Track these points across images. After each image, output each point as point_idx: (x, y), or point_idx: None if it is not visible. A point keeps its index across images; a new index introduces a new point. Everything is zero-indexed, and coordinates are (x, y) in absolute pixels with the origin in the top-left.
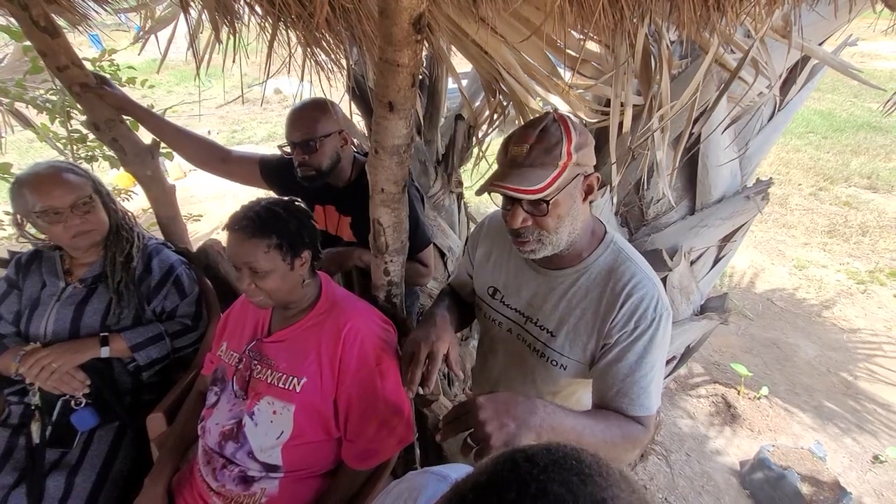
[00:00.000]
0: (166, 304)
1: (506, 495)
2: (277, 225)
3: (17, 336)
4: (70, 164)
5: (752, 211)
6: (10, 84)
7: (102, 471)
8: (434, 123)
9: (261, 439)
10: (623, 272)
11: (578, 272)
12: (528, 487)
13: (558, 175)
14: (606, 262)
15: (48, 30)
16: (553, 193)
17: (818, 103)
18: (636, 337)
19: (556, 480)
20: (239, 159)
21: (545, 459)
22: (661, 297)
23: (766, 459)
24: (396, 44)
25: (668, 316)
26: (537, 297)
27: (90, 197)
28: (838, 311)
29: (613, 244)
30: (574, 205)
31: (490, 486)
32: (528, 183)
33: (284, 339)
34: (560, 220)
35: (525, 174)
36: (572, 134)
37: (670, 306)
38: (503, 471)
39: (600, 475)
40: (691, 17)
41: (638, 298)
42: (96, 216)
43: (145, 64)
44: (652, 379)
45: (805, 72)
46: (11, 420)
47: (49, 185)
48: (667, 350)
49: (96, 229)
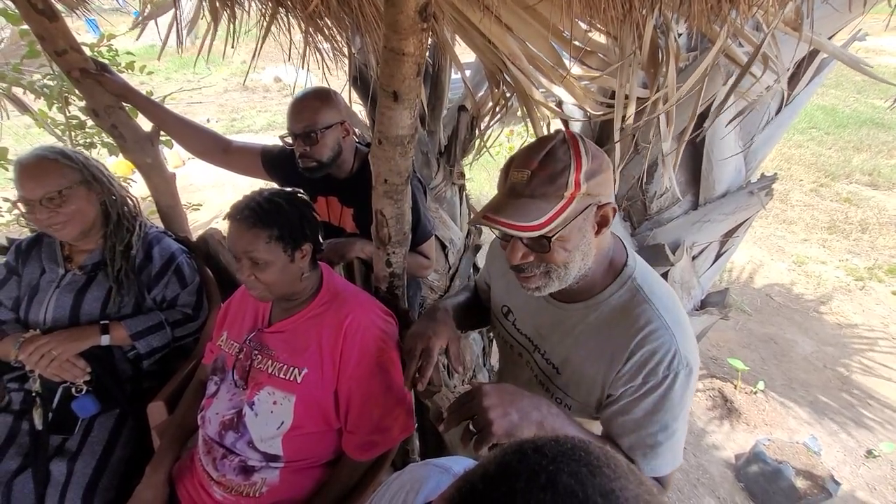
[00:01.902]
0: (167, 293)
1: (515, 485)
2: (279, 216)
3: (17, 322)
4: (61, 152)
5: (756, 206)
6: (7, 68)
7: (103, 457)
8: (437, 114)
9: (261, 429)
10: (637, 316)
11: (589, 308)
12: (537, 477)
13: (563, 209)
14: (620, 300)
15: (46, 12)
16: (557, 229)
17: (821, 98)
18: (645, 392)
19: (566, 471)
20: (240, 150)
21: (554, 450)
22: (680, 351)
23: (761, 453)
24: (402, 32)
25: (687, 374)
26: (545, 327)
27: (60, 192)
28: (836, 306)
29: (632, 280)
30: (583, 239)
31: (500, 476)
32: (526, 218)
33: (285, 329)
34: (569, 255)
35: (523, 207)
36: (583, 160)
37: (696, 360)
38: (512, 461)
39: (609, 467)
40: (702, 8)
41: (649, 351)
42: (71, 208)
43: (143, 50)
44: (663, 439)
45: (812, 66)
46: (13, 406)
47: (24, 175)
48: (686, 409)
49: (69, 221)
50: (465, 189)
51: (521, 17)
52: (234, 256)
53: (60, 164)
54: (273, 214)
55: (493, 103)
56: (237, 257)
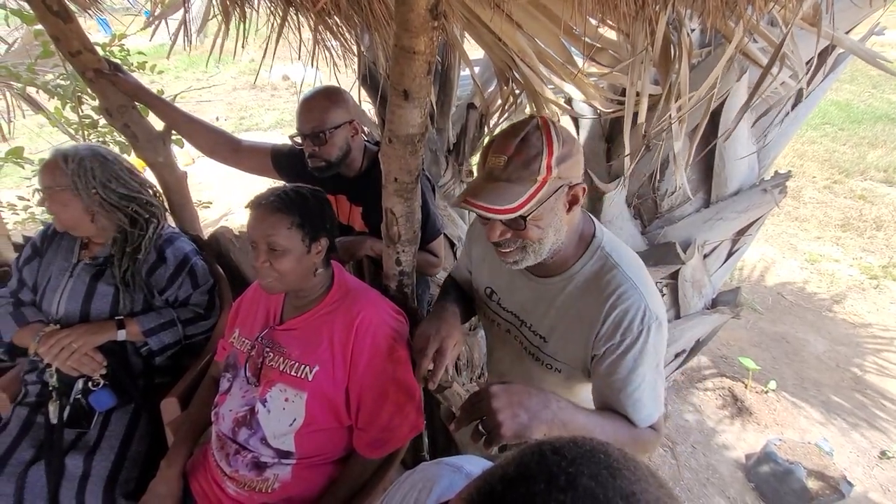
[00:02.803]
0: (180, 294)
1: (534, 487)
2: (303, 206)
3: (33, 305)
4: (64, 153)
5: (769, 204)
6: (22, 68)
7: (121, 451)
8: (446, 112)
9: (273, 426)
10: (609, 281)
11: (565, 280)
12: (557, 479)
13: (536, 191)
14: (592, 269)
15: (61, 14)
16: (531, 210)
17: (835, 94)
18: (624, 350)
19: (586, 473)
20: (250, 149)
21: (573, 452)
22: (649, 307)
23: (772, 453)
24: (413, 30)
25: (657, 326)
26: (528, 302)
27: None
28: (849, 305)
29: (601, 250)
30: (556, 217)
31: (519, 478)
32: (503, 201)
33: (297, 327)
34: (542, 232)
35: (500, 190)
36: (554, 145)
37: (663, 313)
38: (531, 463)
39: (629, 469)
40: (717, 4)
41: (622, 311)
42: (53, 205)
43: (153, 48)
44: (644, 390)
45: (829, 62)
46: (28, 399)
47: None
48: (661, 357)
49: (57, 217)
50: None
51: (532, 13)
52: (252, 243)
53: (57, 165)
54: (297, 203)
55: (503, 101)
56: (255, 243)
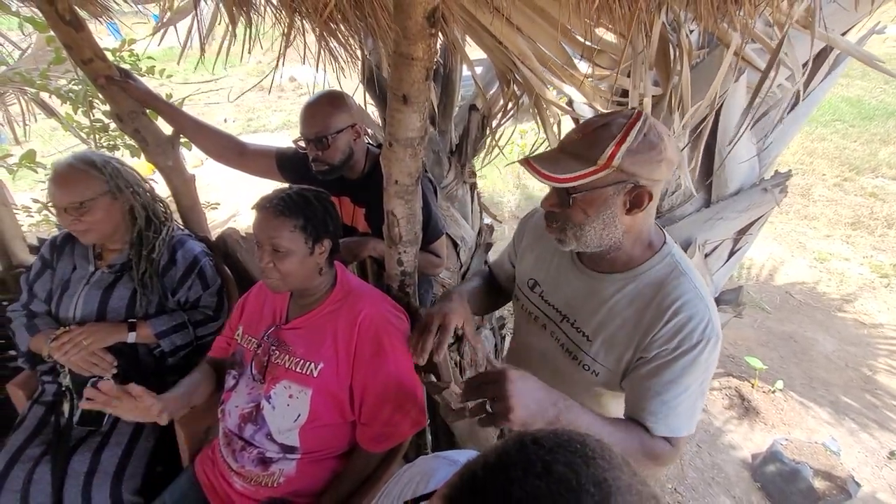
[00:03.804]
0: (190, 295)
1: (513, 473)
2: (306, 209)
3: (48, 315)
4: (91, 161)
5: (770, 204)
6: (35, 74)
7: (128, 447)
8: (448, 114)
9: (279, 422)
10: (674, 287)
11: (626, 280)
12: (534, 466)
13: (590, 173)
14: (659, 273)
15: (73, 23)
16: (579, 189)
17: (846, 90)
18: (677, 356)
19: (561, 461)
20: (255, 152)
21: (551, 442)
22: (712, 321)
23: (778, 453)
24: (411, 37)
25: (716, 342)
26: (577, 297)
27: (82, 203)
28: (860, 305)
29: (670, 256)
30: (608, 211)
31: (498, 465)
32: (557, 170)
33: (302, 326)
34: (587, 219)
35: (560, 161)
36: (629, 138)
37: (721, 332)
38: (511, 451)
39: (603, 458)
40: (708, 8)
41: (686, 317)
42: (93, 217)
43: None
44: (684, 401)
45: (828, 61)
46: (45, 397)
47: (54, 182)
48: (709, 376)
49: (92, 230)
50: (476, 188)
51: (530, 17)
52: (258, 243)
53: (89, 174)
54: (301, 206)
55: (504, 102)
56: (260, 244)
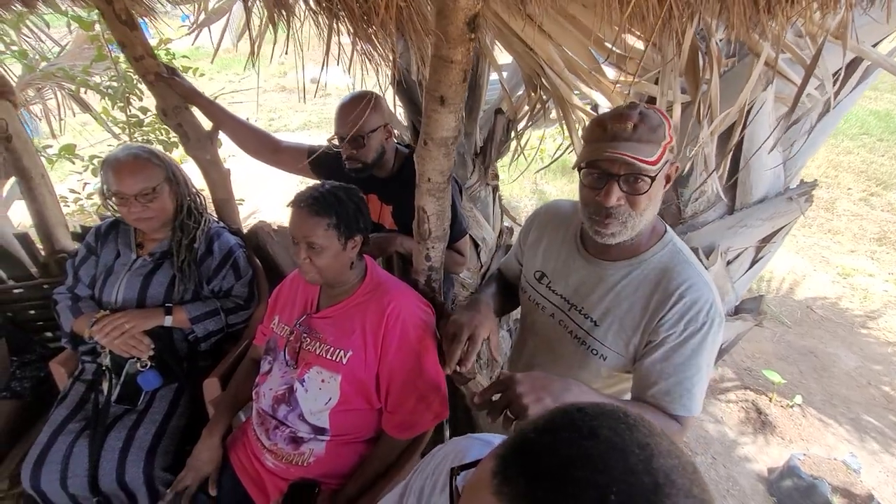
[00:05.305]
0: (223, 284)
1: (562, 434)
2: (339, 207)
3: (91, 300)
4: (150, 151)
5: (795, 213)
6: (77, 70)
7: (162, 425)
8: (474, 116)
9: (311, 403)
10: (679, 272)
11: (632, 266)
12: (581, 430)
13: (662, 154)
14: (662, 260)
15: (128, 23)
16: (660, 171)
17: (874, 103)
18: (686, 338)
19: (606, 426)
20: (289, 150)
21: (596, 410)
22: (716, 304)
23: (796, 468)
24: (451, 42)
25: (720, 322)
26: (585, 285)
27: (154, 189)
28: (884, 322)
29: (672, 244)
30: (661, 190)
31: (548, 428)
32: (643, 154)
33: (332, 315)
34: (650, 202)
35: (635, 147)
36: (669, 119)
37: (723, 313)
38: (558, 418)
39: (644, 426)
40: (741, 18)
41: (691, 300)
42: (159, 204)
43: (189, 51)
44: (697, 381)
45: (857, 73)
46: (85, 376)
47: (122, 171)
48: (714, 356)
49: (156, 217)
50: (498, 190)
51: (562, 25)
52: (294, 240)
53: (153, 163)
54: (333, 205)
55: (530, 107)
56: (296, 241)
